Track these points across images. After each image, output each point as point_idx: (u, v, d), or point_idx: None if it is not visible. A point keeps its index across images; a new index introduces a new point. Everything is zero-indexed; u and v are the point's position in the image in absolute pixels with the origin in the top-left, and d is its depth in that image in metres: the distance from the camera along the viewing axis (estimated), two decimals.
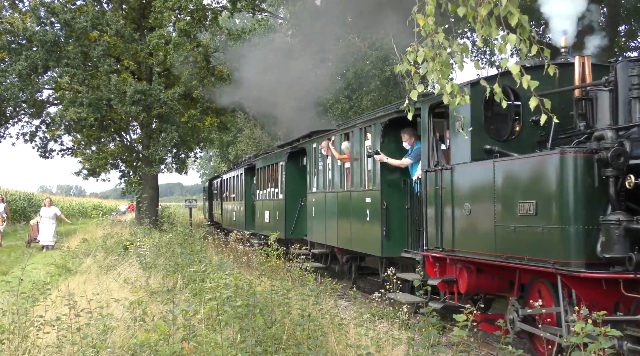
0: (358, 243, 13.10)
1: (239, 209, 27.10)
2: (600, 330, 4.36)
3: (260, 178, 22.86)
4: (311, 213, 16.54)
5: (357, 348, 6.19)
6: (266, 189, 21.65)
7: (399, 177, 11.61)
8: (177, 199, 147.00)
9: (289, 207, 18.39)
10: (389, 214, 11.54)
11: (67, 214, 53.58)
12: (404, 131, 11.33)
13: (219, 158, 63.00)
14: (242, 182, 26.20)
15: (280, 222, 19.03)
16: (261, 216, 22.20)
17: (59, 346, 6.08)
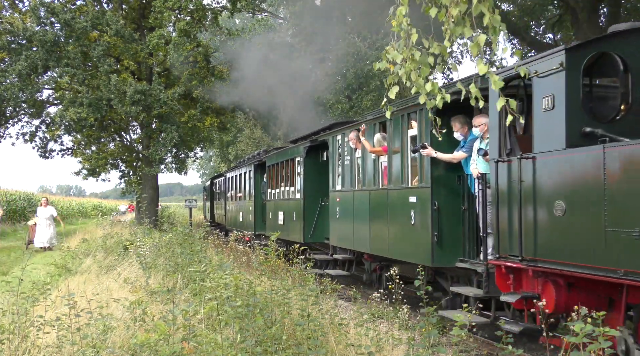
0: (398, 249, 11.35)
1: (246, 209, 25.43)
2: (599, 330, 4.36)
3: (273, 175, 21.11)
4: (335, 214, 14.93)
5: (357, 348, 6.18)
6: (279, 188, 19.98)
7: (452, 172, 9.92)
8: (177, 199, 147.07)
9: (307, 207, 16.87)
10: (441, 216, 9.90)
11: (66, 214, 53.77)
12: (455, 119, 9.77)
13: (219, 158, 62.99)
14: (251, 180, 24.50)
15: (297, 224, 17.57)
16: (274, 217, 20.52)
17: (59, 346, 6.08)
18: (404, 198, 10.93)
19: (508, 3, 31.47)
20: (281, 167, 19.84)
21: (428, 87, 4.51)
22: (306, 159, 17.13)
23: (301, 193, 17.17)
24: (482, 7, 3.99)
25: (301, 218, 17.02)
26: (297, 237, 17.33)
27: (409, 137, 10.86)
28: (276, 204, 20.33)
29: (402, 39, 4.45)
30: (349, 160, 14.01)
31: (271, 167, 21.29)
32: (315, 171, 16.92)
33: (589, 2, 23.78)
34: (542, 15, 32.30)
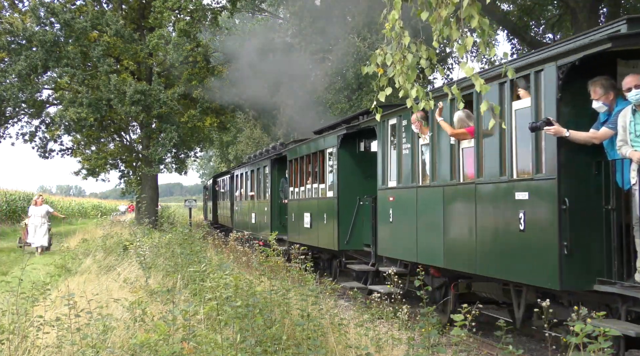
0: (495, 264, 8.50)
1: (260, 210, 22.66)
2: (599, 330, 4.36)
3: (296, 171, 18.39)
4: (385, 217, 12.06)
5: (357, 348, 6.18)
6: (305, 185, 17.36)
7: (588, 157, 7.28)
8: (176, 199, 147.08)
9: (342, 208, 14.44)
10: (572, 220, 7.17)
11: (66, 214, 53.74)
12: (594, 82, 7.13)
13: (219, 158, 63.01)
14: (267, 177, 21.64)
15: (329, 228, 15.05)
16: (297, 219, 17.93)
17: (59, 346, 6.08)
18: (506, 194, 8.21)
19: (508, 3, 31.49)
20: (307, 161, 17.22)
21: (413, 92, 4.53)
22: (341, 150, 14.68)
23: (334, 191, 14.86)
24: (471, 10, 4.00)
25: (335, 221, 14.65)
26: (329, 242, 15.12)
27: (513, 110, 8.12)
28: (300, 204, 17.75)
29: (395, 42, 4.46)
30: (408, 149, 11.05)
31: (294, 162, 18.57)
32: (352, 164, 14.68)
33: (588, 2, 23.79)
34: (542, 15, 32.32)
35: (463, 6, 3.97)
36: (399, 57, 4.44)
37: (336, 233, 14.54)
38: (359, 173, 14.51)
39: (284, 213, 19.91)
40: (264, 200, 22.04)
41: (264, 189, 22.23)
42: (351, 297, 9.65)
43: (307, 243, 16.46)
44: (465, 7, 3.97)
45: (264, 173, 22.35)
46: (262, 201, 22.28)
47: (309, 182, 16.99)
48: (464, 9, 3.98)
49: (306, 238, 16.95)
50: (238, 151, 46.12)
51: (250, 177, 25.16)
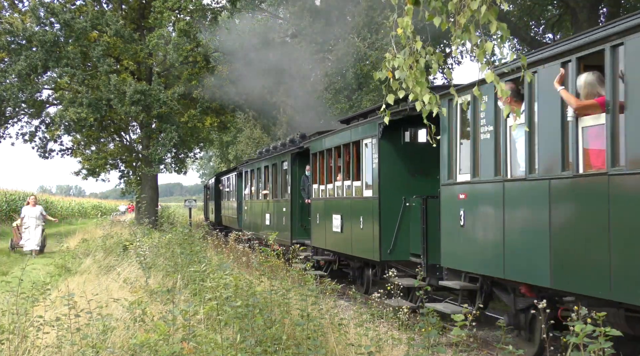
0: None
1: (277, 211, 20.23)
2: (600, 330, 4.36)
3: (321, 166, 16.06)
4: (453, 219, 9.66)
5: (357, 348, 6.18)
6: (333, 182, 15.06)
7: None
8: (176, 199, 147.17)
9: (385, 210, 12.13)
10: None
11: (66, 214, 53.79)
12: None
13: (219, 158, 63.05)
14: (286, 174, 19.20)
15: (367, 234, 12.71)
16: (324, 222, 15.62)
17: (59, 346, 6.08)
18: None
19: (508, 3, 31.50)
20: (336, 154, 14.93)
21: (426, 98, 4.54)
22: (382, 142, 12.23)
23: (374, 190, 12.42)
24: (489, 15, 4.01)
25: (375, 226, 12.32)
26: (367, 251, 12.82)
27: None
28: (328, 204, 15.41)
29: (407, 47, 4.48)
30: (489, 133, 8.70)
31: (319, 156, 16.15)
32: (396, 158, 12.32)
33: (588, 2, 23.80)
34: (542, 15, 32.32)
35: (482, 12, 3.99)
36: (411, 61, 4.46)
37: (377, 241, 12.13)
38: (404, 169, 12.29)
39: (306, 215, 17.72)
40: (282, 199, 19.56)
41: (282, 187, 19.71)
42: (351, 297, 9.64)
43: (336, 249, 14.73)
44: (484, 12, 3.99)
45: (281, 169, 19.78)
46: (280, 200, 19.78)
47: (339, 179, 14.63)
48: (482, 14, 4.00)
49: (335, 243, 14.83)
50: (238, 151, 46.10)
51: (264, 174, 22.48)
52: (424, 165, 11.91)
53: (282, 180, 19.71)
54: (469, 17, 4.10)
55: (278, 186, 20.27)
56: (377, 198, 12.33)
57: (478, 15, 4.03)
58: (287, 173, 19.06)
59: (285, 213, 18.97)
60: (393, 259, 12.15)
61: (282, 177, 19.71)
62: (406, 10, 4.36)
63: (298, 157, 18.50)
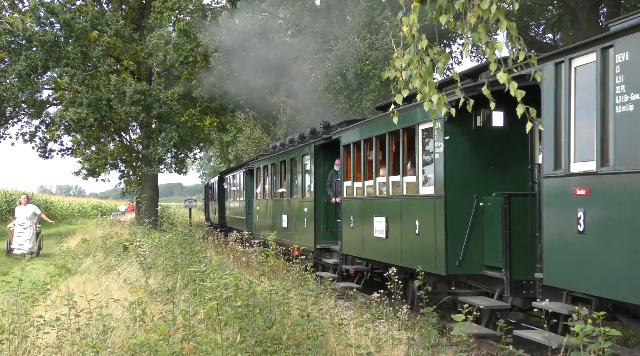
0: None
1: (296, 211, 17.94)
2: (600, 330, 4.36)
3: (356, 160, 13.83)
4: (567, 223, 7.57)
5: (357, 348, 6.19)
6: (374, 178, 12.76)
7: None
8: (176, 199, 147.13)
9: (453, 212, 9.91)
10: None
11: (66, 214, 53.76)
12: None
13: (219, 158, 63.07)
14: (308, 169, 16.99)
15: (426, 241, 10.50)
16: (359, 225, 13.51)
17: (59, 346, 6.08)
18: None
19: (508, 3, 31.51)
20: (378, 144, 12.61)
21: (435, 99, 4.53)
22: (449, 126, 9.81)
23: (437, 187, 10.19)
24: (499, 15, 4.02)
25: (439, 232, 10.09)
26: (428, 262, 10.24)
27: None
28: (368, 205, 13.17)
29: (412, 46, 4.47)
30: (633, 103, 6.64)
31: (353, 147, 13.94)
32: (466, 147, 9.99)
33: (588, 2, 23.81)
34: (542, 15, 32.34)
35: (492, 12, 3.99)
36: (416, 60, 4.45)
37: (443, 250, 9.89)
38: (475, 161, 10.02)
39: (332, 216, 15.77)
40: (302, 198, 17.29)
41: (302, 184, 17.47)
42: (351, 297, 9.64)
43: (379, 259, 12.48)
44: (494, 12, 3.99)
45: (302, 164, 17.46)
46: (300, 200, 17.47)
47: (383, 174, 12.39)
48: (492, 14, 4.00)
49: (377, 252, 12.62)
50: (238, 151, 46.11)
51: (280, 170, 20.10)
52: (500, 155, 9.90)
53: (302, 176, 17.46)
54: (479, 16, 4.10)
55: (297, 183, 17.94)
56: (441, 197, 9.95)
57: (488, 15, 4.04)
58: (309, 168, 16.86)
59: (308, 214, 16.66)
60: (463, 272, 9.91)
61: (303, 173, 17.40)
62: (412, 8, 4.37)
63: (322, 149, 16.24)
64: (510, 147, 9.90)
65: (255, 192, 24.20)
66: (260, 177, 23.29)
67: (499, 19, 4.04)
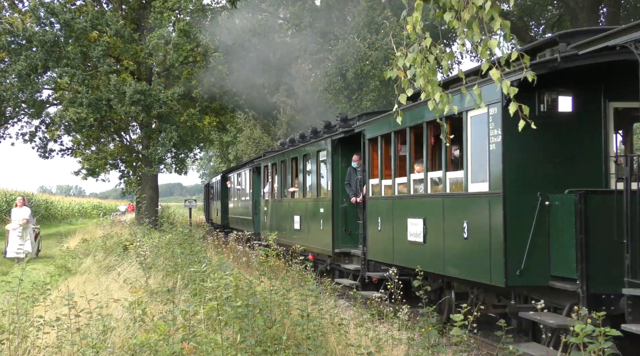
0: None
1: (311, 212, 16.45)
2: (600, 330, 4.36)
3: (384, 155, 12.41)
4: None
5: (357, 348, 6.19)
6: (408, 175, 11.29)
7: None
8: (176, 199, 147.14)
9: (512, 212, 8.47)
10: None
11: (66, 214, 53.74)
12: None
13: (219, 158, 63.05)
14: (324, 166, 15.58)
15: (477, 246, 9.07)
16: (389, 228, 12.00)
17: (59, 346, 6.08)
18: None
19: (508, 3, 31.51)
20: (413, 136, 11.06)
21: (437, 96, 4.52)
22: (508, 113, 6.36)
23: (493, 183, 8.74)
24: (493, 12, 4.01)
25: (495, 235, 8.64)
26: (479, 271, 9.04)
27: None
28: (400, 205, 11.75)
29: (416, 44, 4.47)
30: None
31: (380, 141, 12.47)
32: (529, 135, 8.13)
33: (588, 2, 23.81)
34: (542, 15, 32.35)
35: (486, 8, 3.98)
36: (420, 59, 4.44)
37: (501, 257, 8.44)
38: (539, 153, 8.60)
39: (351, 217, 14.55)
40: (317, 198, 15.91)
41: (317, 183, 16.09)
42: (351, 297, 9.64)
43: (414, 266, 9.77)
44: (488, 9, 3.98)
45: (317, 160, 16.07)
46: (315, 199, 16.03)
47: (419, 170, 10.91)
48: (486, 11, 3.99)
49: (411, 258, 10.95)
50: (238, 151, 46.10)
51: (291, 168, 18.58)
52: (568, 145, 8.55)
53: (318, 173, 16.04)
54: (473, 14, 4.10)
55: (312, 182, 16.56)
56: (499, 195, 8.55)
57: (482, 13, 4.03)
58: (325, 165, 15.47)
59: (324, 215, 15.25)
60: (525, 284, 8.48)
61: (318, 170, 16.03)
62: (416, 6, 4.37)
63: (341, 144, 14.83)
64: (579, 136, 8.58)
65: (262, 191, 22.58)
66: (268, 176, 21.68)
67: (494, 17, 4.04)
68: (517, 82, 7.19)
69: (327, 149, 15.28)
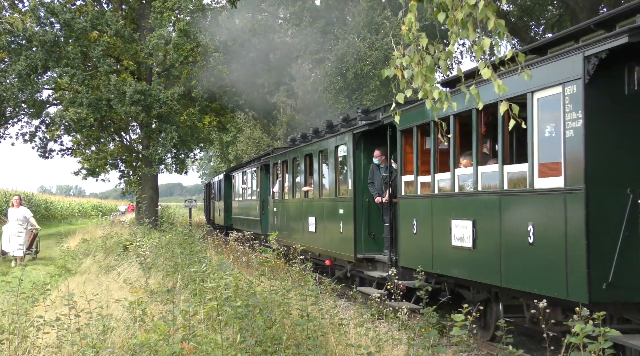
0: None
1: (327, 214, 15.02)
2: (600, 330, 4.35)
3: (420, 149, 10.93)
4: None
5: (357, 348, 6.19)
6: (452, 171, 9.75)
7: None
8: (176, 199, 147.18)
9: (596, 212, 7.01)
10: None
11: (66, 214, 53.73)
12: None
13: (219, 158, 63.08)
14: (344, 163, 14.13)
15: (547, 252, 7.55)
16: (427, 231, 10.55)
17: (59, 346, 6.08)
18: None
19: (508, 3, 31.52)
20: (458, 125, 9.66)
21: (435, 94, 4.49)
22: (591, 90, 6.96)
23: (572, 177, 7.23)
24: (487, 11, 4.00)
25: (574, 242, 7.11)
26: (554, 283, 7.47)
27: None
28: (440, 204, 10.29)
29: (413, 44, 4.45)
30: None
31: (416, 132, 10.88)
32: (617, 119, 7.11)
33: (588, 2, 23.82)
34: (542, 15, 32.34)
35: (479, 7, 3.96)
36: (417, 59, 4.42)
37: (583, 267, 6.92)
38: (629, 140, 7.12)
39: (376, 219, 13.13)
40: (336, 197, 14.49)
41: (335, 181, 14.67)
42: (351, 297, 9.63)
43: (462, 275, 9.38)
44: (482, 8, 3.96)
45: (335, 157, 14.66)
46: (334, 199, 14.62)
47: (466, 164, 9.50)
48: (480, 10, 3.98)
49: (457, 265, 9.62)
50: (238, 151, 46.11)
51: (305, 165, 17.01)
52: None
53: (337, 171, 14.67)
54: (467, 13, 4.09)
55: (329, 180, 15.14)
56: (579, 192, 7.00)
57: (476, 12, 4.02)
58: (346, 161, 14.02)
59: (344, 217, 13.75)
60: (613, 299, 6.91)
61: (337, 168, 14.67)
62: (410, 7, 4.36)
63: (363, 138, 13.34)
64: None
65: (271, 190, 20.99)
66: (278, 174, 19.98)
67: (488, 16, 4.03)
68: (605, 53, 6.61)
69: (347, 144, 13.73)
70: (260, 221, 22.79)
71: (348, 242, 13.33)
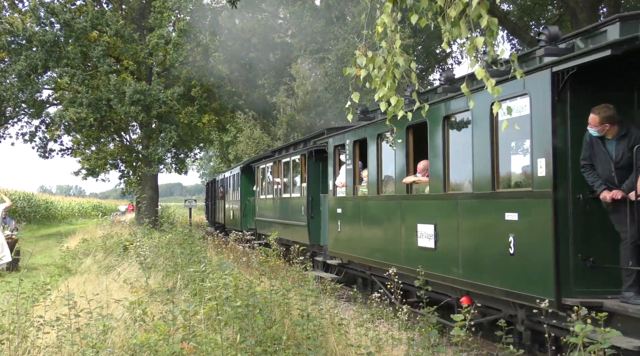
0: None
1: (465, 221, 8.56)
2: (600, 331, 4.36)
3: None
4: None
5: (357, 348, 6.18)
6: None
7: None
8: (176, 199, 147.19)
9: None
10: None
11: (66, 214, 53.73)
12: None
13: (219, 158, 63.06)
14: (505, 137, 7.93)
15: None
16: None
17: (59, 346, 6.08)
18: None
19: (508, 3, 31.51)
20: None
21: (393, 100, 4.52)
22: None
23: None
24: (480, 9, 3.98)
25: None
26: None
27: None
28: None
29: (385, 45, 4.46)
30: None
31: None
32: None
33: (588, 2, 23.80)
34: (542, 15, 32.35)
35: (472, 5, 3.95)
36: (380, 61, 4.44)
37: None
38: None
39: (594, 231, 7.34)
40: (494, 191, 8.11)
41: (493, 162, 8.16)
42: (351, 297, 9.63)
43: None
44: (475, 6, 3.94)
45: (492, 120, 8.11)
46: (491, 194, 8.12)
47: None
48: (473, 8, 3.96)
49: None
50: (238, 151, 46.10)
51: (407, 143, 10.53)
52: None
53: (495, 147, 8.09)
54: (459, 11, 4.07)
55: (477, 161, 8.86)
56: None
57: (469, 10, 4.01)
58: (526, 126, 7.69)
59: (524, 225, 7.40)
60: None
61: (497, 139, 8.07)
62: (384, 8, 4.36)
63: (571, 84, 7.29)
64: None
65: (332, 184, 14.62)
66: (345, 160, 13.66)
67: (481, 14, 4.02)
68: None
69: (533, 93, 7.22)
70: (308, 228, 16.95)
71: (537, 273, 7.14)
